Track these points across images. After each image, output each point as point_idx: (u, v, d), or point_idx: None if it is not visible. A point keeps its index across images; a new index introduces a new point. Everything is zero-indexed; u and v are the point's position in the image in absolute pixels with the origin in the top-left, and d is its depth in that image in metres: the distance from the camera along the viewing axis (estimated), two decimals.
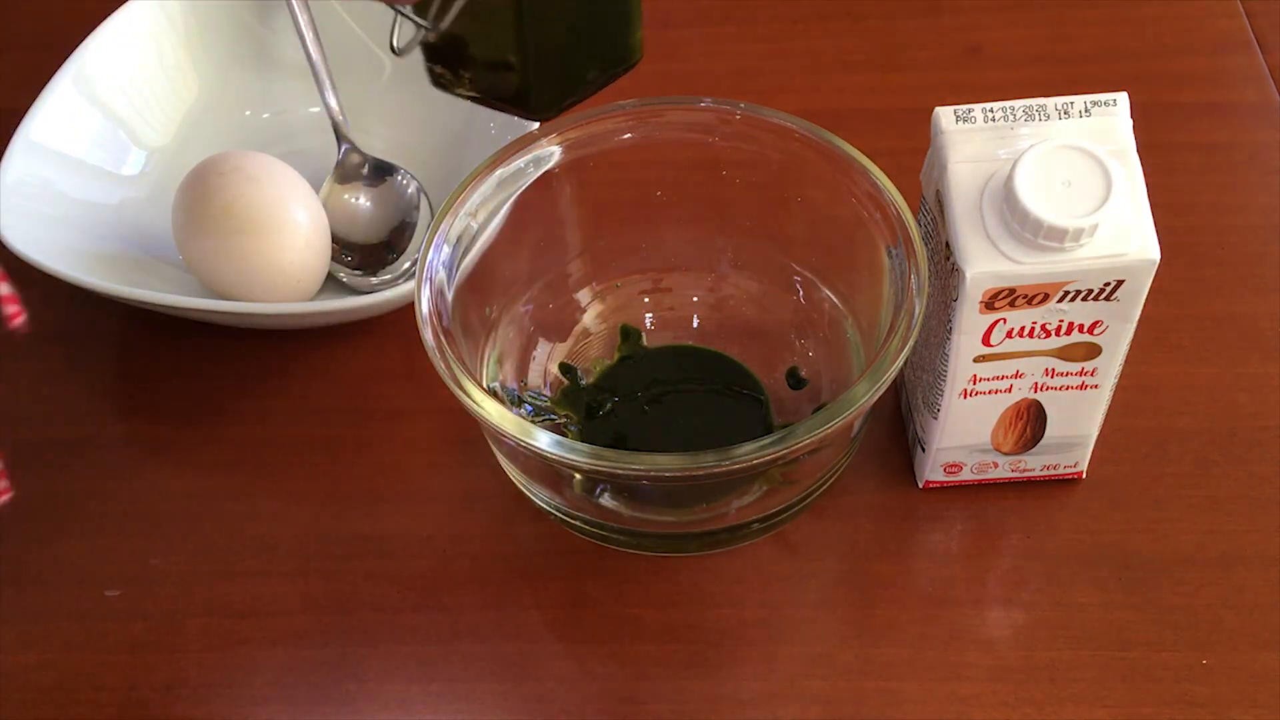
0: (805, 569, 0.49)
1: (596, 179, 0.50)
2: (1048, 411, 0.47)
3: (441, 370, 0.43)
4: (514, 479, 0.49)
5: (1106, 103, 0.43)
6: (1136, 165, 0.42)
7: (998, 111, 0.43)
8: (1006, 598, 0.48)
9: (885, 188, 0.46)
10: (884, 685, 0.46)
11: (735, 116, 0.49)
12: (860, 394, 0.41)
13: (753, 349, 0.53)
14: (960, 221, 0.42)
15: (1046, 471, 0.50)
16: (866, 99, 0.64)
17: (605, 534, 0.48)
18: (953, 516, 0.50)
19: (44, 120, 0.58)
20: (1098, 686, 0.46)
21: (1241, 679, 0.45)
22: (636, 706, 0.46)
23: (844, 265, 0.50)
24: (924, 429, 0.49)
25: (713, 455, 0.40)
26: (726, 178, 0.51)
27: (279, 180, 0.54)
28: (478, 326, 0.49)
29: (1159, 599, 0.47)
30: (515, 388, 0.51)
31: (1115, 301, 0.42)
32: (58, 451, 0.54)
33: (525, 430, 0.41)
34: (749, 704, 0.46)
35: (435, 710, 0.46)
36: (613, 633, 0.48)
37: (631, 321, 0.54)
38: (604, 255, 0.54)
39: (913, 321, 0.42)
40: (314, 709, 0.47)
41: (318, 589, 0.50)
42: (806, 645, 0.48)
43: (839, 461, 0.47)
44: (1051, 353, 0.44)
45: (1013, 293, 0.42)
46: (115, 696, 0.47)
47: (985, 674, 0.46)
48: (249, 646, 0.48)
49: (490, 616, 0.49)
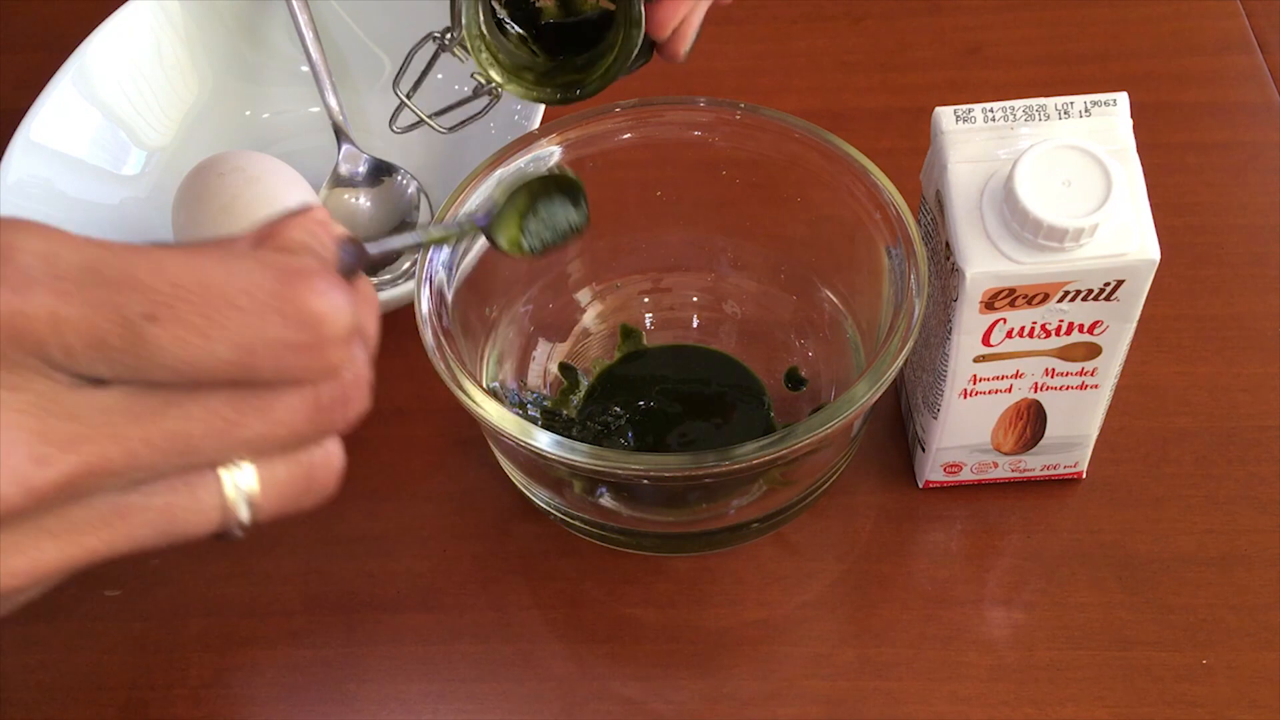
0: (805, 569, 0.49)
1: (596, 179, 0.50)
2: (1048, 411, 0.47)
3: (441, 370, 0.43)
4: (514, 479, 0.49)
5: (1106, 103, 0.43)
6: (1136, 165, 0.42)
7: (998, 111, 0.43)
8: (1006, 598, 0.48)
9: (885, 188, 0.46)
10: (884, 685, 0.46)
11: (735, 116, 0.49)
12: (860, 394, 0.41)
13: (753, 349, 0.53)
14: (960, 221, 0.42)
15: (1046, 471, 0.50)
16: (866, 99, 0.64)
17: (605, 534, 0.48)
18: (953, 516, 0.50)
19: (44, 120, 0.58)
20: (1098, 686, 0.46)
21: (1241, 679, 0.45)
22: (636, 706, 0.46)
23: (844, 265, 0.50)
24: (924, 429, 0.49)
25: (713, 455, 0.40)
26: (726, 178, 0.51)
27: (279, 180, 0.54)
28: (478, 326, 0.49)
29: (1159, 599, 0.47)
30: (515, 388, 0.51)
31: (1115, 301, 0.42)
32: None
33: (525, 430, 0.41)
34: (749, 704, 0.46)
35: (435, 710, 0.46)
36: (613, 633, 0.48)
37: (631, 321, 0.54)
38: (604, 255, 0.54)
39: (913, 321, 0.42)
40: (314, 709, 0.47)
41: (318, 589, 0.50)
42: (806, 645, 0.48)
43: (839, 461, 0.47)
44: (1051, 353, 0.44)
45: (1013, 293, 0.42)
46: (115, 696, 0.47)
47: (985, 674, 0.46)
48: (249, 646, 0.48)
49: (490, 616, 0.49)
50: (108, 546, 0.25)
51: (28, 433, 0.23)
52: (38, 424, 0.23)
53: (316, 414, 0.25)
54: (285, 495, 0.26)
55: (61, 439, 0.23)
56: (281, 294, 0.24)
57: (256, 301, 0.24)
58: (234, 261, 0.24)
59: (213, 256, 0.24)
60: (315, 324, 0.24)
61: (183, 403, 0.24)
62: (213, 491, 0.25)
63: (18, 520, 0.23)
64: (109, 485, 0.24)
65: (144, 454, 0.24)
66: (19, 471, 0.22)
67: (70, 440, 0.23)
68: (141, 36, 0.61)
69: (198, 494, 0.25)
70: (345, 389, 0.26)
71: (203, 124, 0.63)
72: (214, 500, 0.25)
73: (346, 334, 0.25)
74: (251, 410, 0.24)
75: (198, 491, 0.25)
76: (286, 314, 0.24)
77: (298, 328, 0.24)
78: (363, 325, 0.26)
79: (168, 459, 0.24)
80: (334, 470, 0.27)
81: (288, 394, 0.25)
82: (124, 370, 0.23)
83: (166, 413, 0.24)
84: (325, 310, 0.24)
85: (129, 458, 0.24)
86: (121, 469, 0.23)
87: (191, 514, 0.25)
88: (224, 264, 0.24)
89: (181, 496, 0.25)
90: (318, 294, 0.24)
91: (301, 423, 0.25)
